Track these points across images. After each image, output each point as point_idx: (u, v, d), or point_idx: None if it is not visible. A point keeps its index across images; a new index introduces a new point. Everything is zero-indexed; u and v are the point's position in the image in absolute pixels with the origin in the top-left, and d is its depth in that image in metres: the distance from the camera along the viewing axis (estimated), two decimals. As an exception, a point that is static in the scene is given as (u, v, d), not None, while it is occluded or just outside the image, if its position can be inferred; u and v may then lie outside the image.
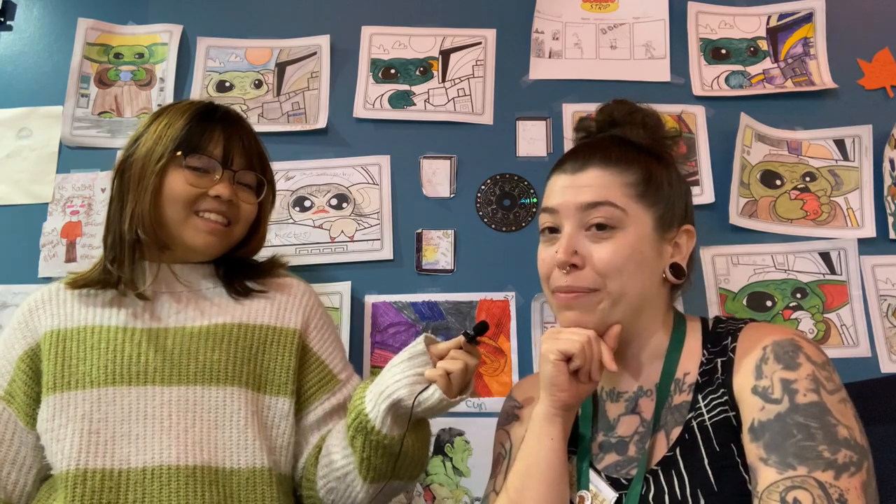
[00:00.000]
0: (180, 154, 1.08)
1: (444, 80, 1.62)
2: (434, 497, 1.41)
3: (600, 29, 1.64)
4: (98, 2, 1.69)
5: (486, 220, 1.54)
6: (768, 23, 1.64)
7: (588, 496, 0.92)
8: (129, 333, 1.07)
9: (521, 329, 1.47)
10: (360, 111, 1.60)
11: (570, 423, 0.95)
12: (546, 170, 0.98)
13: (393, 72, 1.63)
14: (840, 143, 1.55)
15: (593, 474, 0.94)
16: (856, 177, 1.53)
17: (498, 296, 1.49)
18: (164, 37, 1.66)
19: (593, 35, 1.64)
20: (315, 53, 1.64)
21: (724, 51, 1.62)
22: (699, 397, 0.90)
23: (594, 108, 1.11)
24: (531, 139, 1.58)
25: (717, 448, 0.86)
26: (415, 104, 1.60)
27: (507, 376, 1.45)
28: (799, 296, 1.48)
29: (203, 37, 1.66)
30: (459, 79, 1.62)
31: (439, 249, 1.52)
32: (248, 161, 1.15)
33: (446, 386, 0.96)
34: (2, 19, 1.68)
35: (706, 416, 0.88)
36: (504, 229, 1.54)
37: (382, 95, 1.61)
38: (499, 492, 0.98)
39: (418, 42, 1.65)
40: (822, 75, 1.58)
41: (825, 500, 0.75)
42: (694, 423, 0.88)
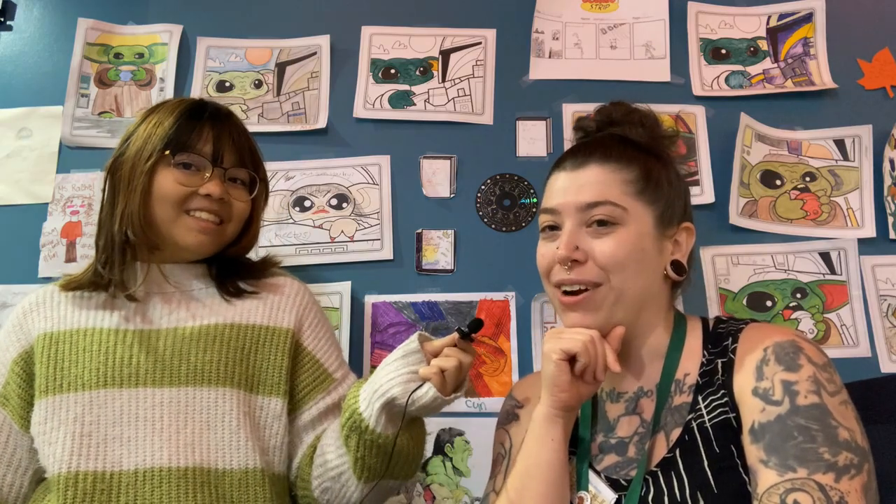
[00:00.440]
0: (168, 153, 1.07)
1: (444, 80, 1.62)
2: (434, 497, 1.41)
3: (600, 29, 1.64)
4: (98, 2, 1.69)
5: (486, 220, 1.54)
6: (768, 23, 1.64)
7: (587, 497, 0.92)
8: (121, 336, 1.06)
9: (521, 329, 1.47)
10: (360, 111, 1.60)
11: (570, 424, 0.94)
12: (546, 170, 0.98)
13: (393, 72, 1.63)
14: (840, 143, 1.55)
15: (593, 475, 0.93)
16: (856, 177, 1.53)
17: (498, 296, 1.49)
18: (164, 37, 1.66)
19: (593, 35, 1.64)
20: (315, 53, 1.64)
21: (724, 51, 1.62)
22: (699, 398, 0.90)
23: (594, 108, 1.11)
24: (531, 139, 1.58)
25: (716, 449, 0.85)
26: (415, 104, 1.60)
27: (507, 376, 1.45)
28: (799, 296, 1.48)
29: (203, 37, 1.66)
30: (459, 79, 1.62)
31: (439, 249, 1.52)
32: (239, 158, 1.13)
33: (440, 384, 0.95)
34: (2, 19, 1.68)
35: (706, 418, 0.88)
36: (504, 229, 1.54)
37: (382, 95, 1.61)
38: (498, 492, 0.98)
39: (418, 42, 1.65)
40: (822, 75, 1.58)
41: (825, 502, 0.75)
42: (694, 425, 0.88)
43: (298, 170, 1.57)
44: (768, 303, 1.48)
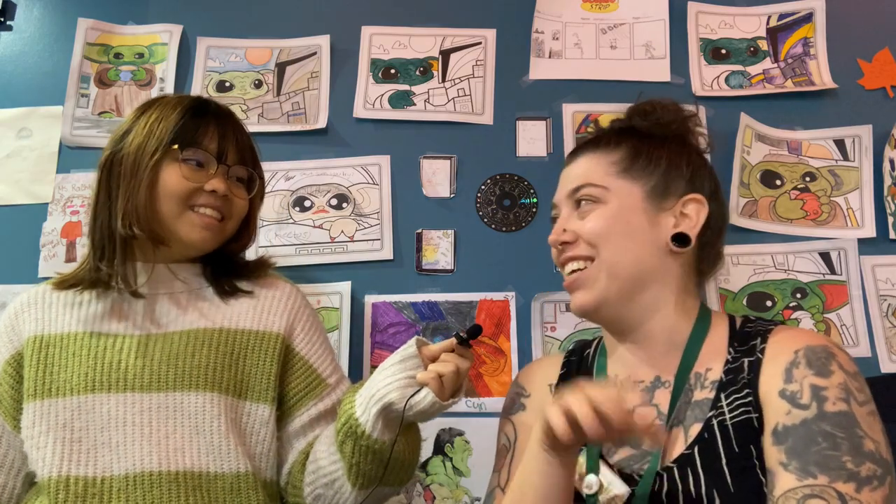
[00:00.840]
0: (177, 147, 1.07)
1: (444, 80, 1.62)
2: (434, 497, 1.41)
3: (600, 29, 1.64)
4: (98, 2, 1.69)
5: (486, 220, 1.54)
6: (768, 23, 1.64)
7: (595, 482, 0.90)
8: (111, 340, 1.06)
9: (521, 329, 1.47)
10: (360, 111, 1.60)
11: (570, 453, 0.84)
12: (546, 170, 0.99)
13: (393, 72, 1.63)
14: (840, 143, 1.55)
15: (605, 468, 0.92)
16: (856, 177, 1.53)
17: (498, 296, 1.49)
18: (164, 37, 1.66)
19: (593, 35, 1.64)
20: (315, 53, 1.64)
21: (724, 51, 1.62)
22: (721, 396, 0.88)
23: (594, 108, 1.13)
24: (531, 139, 1.58)
25: (735, 449, 0.84)
26: (415, 104, 1.60)
27: (507, 376, 1.45)
28: (799, 296, 1.48)
29: (203, 37, 1.66)
30: (459, 79, 1.62)
31: (439, 249, 1.52)
32: (241, 156, 1.14)
33: (438, 389, 0.94)
34: (2, 19, 1.68)
35: (727, 416, 0.87)
36: (504, 229, 1.54)
37: (382, 95, 1.61)
38: (504, 487, 0.97)
39: (418, 42, 1.65)
40: (822, 75, 1.58)
41: None
42: (714, 422, 0.87)
43: (298, 170, 1.57)
44: (768, 303, 1.48)
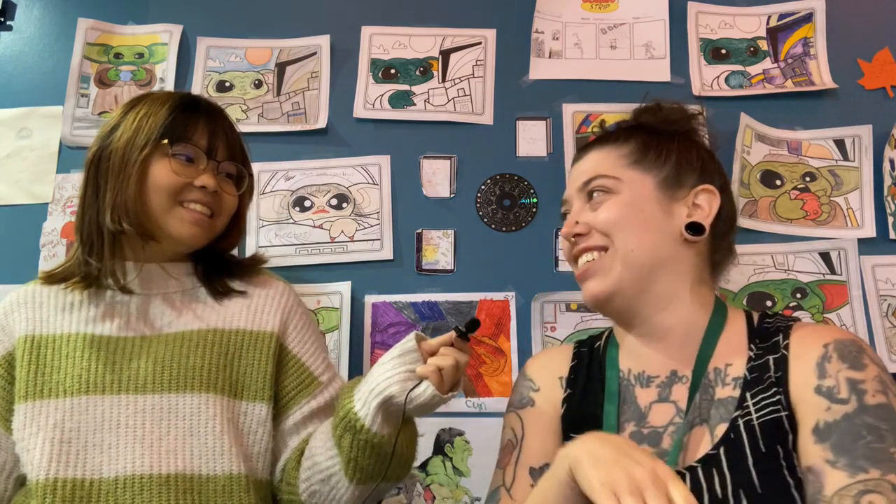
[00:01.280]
0: (167, 142, 1.06)
1: (444, 80, 1.62)
2: (434, 497, 1.41)
3: (600, 29, 1.64)
4: (98, 2, 1.69)
5: (486, 220, 1.54)
6: (768, 23, 1.64)
7: None
8: (104, 341, 1.05)
9: (521, 329, 1.47)
10: (360, 111, 1.60)
11: None
12: (546, 170, 0.99)
13: (393, 72, 1.63)
14: (840, 143, 1.55)
15: None
16: (856, 177, 1.53)
17: (498, 296, 1.49)
18: (164, 37, 1.66)
19: (593, 35, 1.64)
20: (315, 53, 1.64)
21: (724, 51, 1.62)
22: (747, 395, 0.87)
23: (594, 108, 1.13)
24: (531, 139, 1.58)
25: (762, 449, 0.83)
26: (415, 104, 1.60)
27: (507, 376, 1.45)
28: (799, 296, 1.48)
29: (203, 37, 1.66)
30: (459, 79, 1.62)
31: (439, 249, 1.52)
32: (231, 152, 1.13)
33: (438, 382, 0.94)
34: (2, 19, 1.68)
35: (754, 416, 0.85)
36: (504, 229, 1.54)
37: (382, 95, 1.61)
38: (510, 488, 0.96)
39: (418, 42, 1.65)
40: (822, 75, 1.58)
41: None
42: (741, 422, 0.86)
43: (298, 170, 1.57)
44: (768, 303, 1.48)
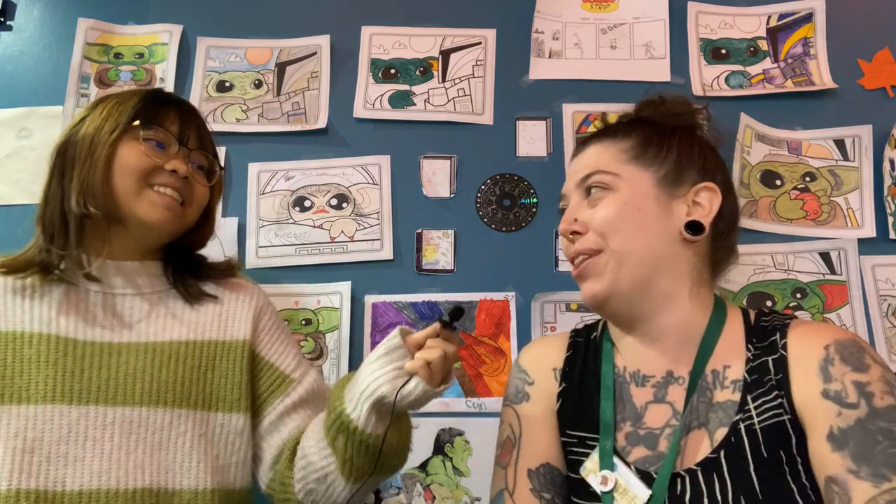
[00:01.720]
0: (138, 124, 1.04)
1: (444, 80, 1.62)
2: (434, 497, 1.41)
3: (600, 29, 1.64)
4: (98, 2, 1.69)
5: (486, 220, 1.54)
6: (768, 23, 1.64)
7: (611, 478, 0.88)
8: (72, 345, 1.00)
9: (521, 329, 1.47)
10: (360, 111, 1.60)
11: None
12: (546, 170, 0.99)
13: (393, 72, 1.63)
14: (840, 143, 1.55)
15: (622, 467, 0.89)
16: (856, 177, 1.53)
17: (498, 296, 1.49)
18: (164, 37, 1.66)
19: (593, 35, 1.64)
20: (315, 53, 1.64)
21: (724, 51, 1.62)
22: (748, 398, 0.86)
23: (594, 108, 1.11)
24: (531, 139, 1.58)
25: (764, 454, 0.82)
26: (415, 104, 1.60)
27: (506, 376, 1.45)
28: (799, 296, 1.48)
29: (203, 37, 1.66)
30: (459, 79, 1.62)
31: (439, 249, 1.52)
32: (202, 143, 1.12)
33: (428, 376, 0.92)
34: (2, 19, 1.68)
35: (756, 420, 0.84)
36: (504, 229, 1.54)
37: (382, 95, 1.61)
38: (513, 491, 0.95)
39: (418, 42, 1.65)
40: (822, 75, 1.58)
41: None
42: (742, 426, 0.85)
43: (298, 170, 1.57)
44: (768, 303, 1.48)
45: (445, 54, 1.64)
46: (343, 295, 1.49)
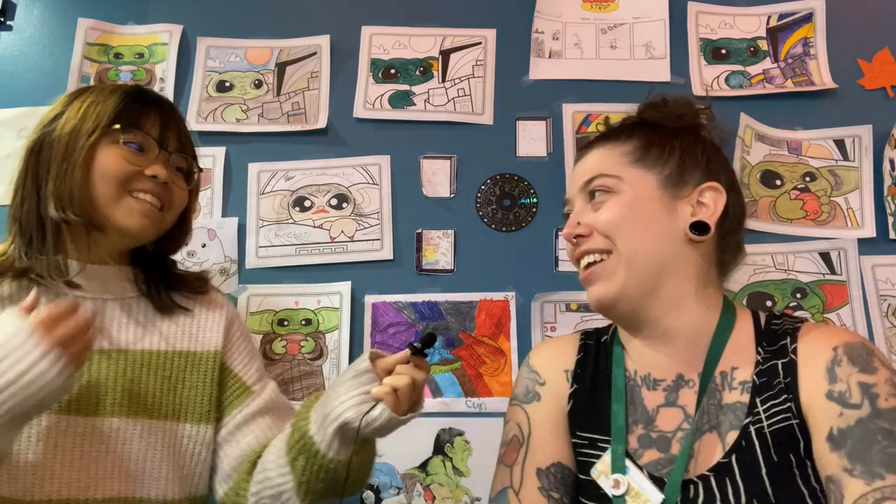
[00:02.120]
0: (118, 128, 1.00)
1: (444, 80, 1.62)
2: (434, 497, 1.41)
3: (600, 29, 1.64)
4: (98, 2, 1.69)
5: (486, 220, 1.54)
6: (768, 23, 1.64)
7: (623, 481, 0.88)
8: None
9: (521, 329, 1.47)
10: (360, 111, 1.60)
11: None
12: (546, 170, 0.99)
13: (393, 72, 1.63)
14: (840, 143, 1.55)
15: (635, 470, 0.89)
16: (856, 177, 1.53)
17: (498, 296, 1.49)
18: (164, 37, 1.66)
19: (593, 35, 1.64)
20: (315, 53, 1.64)
21: (724, 51, 1.62)
22: (757, 401, 0.86)
23: (594, 108, 1.11)
24: (531, 139, 1.58)
25: (774, 458, 0.82)
26: (415, 104, 1.60)
27: (507, 376, 1.45)
28: (799, 296, 1.48)
29: (203, 37, 1.66)
30: (459, 79, 1.62)
31: (439, 249, 1.52)
32: (182, 145, 1.09)
33: (394, 403, 0.91)
34: (2, 19, 1.68)
35: (765, 423, 0.84)
36: (504, 229, 1.54)
37: (382, 95, 1.61)
38: (518, 491, 0.95)
39: (418, 42, 1.65)
40: (822, 75, 1.58)
41: None
42: (752, 430, 0.84)
43: (298, 170, 1.57)
44: (768, 303, 1.48)
45: (445, 54, 1.64)
46: (343, 295, 1.49)
